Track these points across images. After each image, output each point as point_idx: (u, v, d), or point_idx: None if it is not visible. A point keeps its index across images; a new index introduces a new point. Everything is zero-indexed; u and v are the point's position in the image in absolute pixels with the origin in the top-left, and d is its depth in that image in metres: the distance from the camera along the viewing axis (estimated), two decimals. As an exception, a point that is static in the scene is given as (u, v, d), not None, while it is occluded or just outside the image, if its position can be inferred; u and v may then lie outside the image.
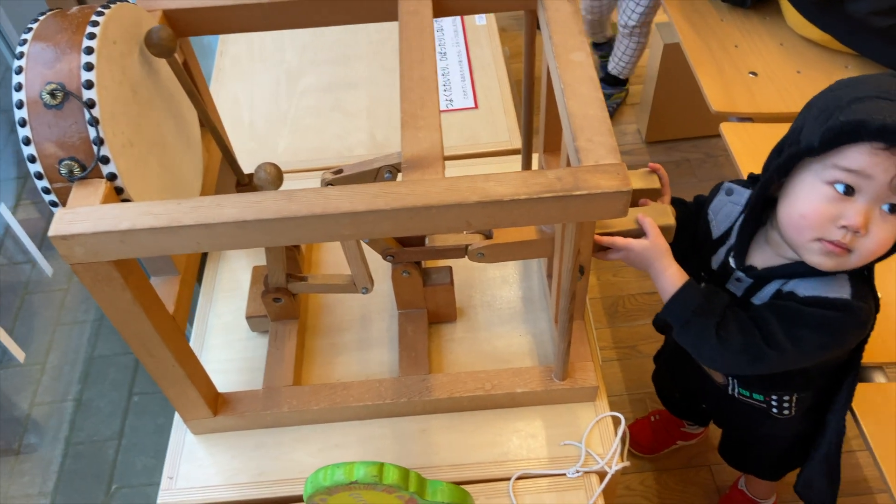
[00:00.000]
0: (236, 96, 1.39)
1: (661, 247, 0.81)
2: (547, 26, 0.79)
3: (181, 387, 0.84)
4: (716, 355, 0.83)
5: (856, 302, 0.80)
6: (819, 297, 0.80)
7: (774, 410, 1.00)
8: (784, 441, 1.09)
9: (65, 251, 0.64)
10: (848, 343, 0.84)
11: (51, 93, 0.66)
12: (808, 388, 0.97)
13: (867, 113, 0.70)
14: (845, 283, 0.80)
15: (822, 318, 0.80)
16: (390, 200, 0.63)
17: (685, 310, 0.81)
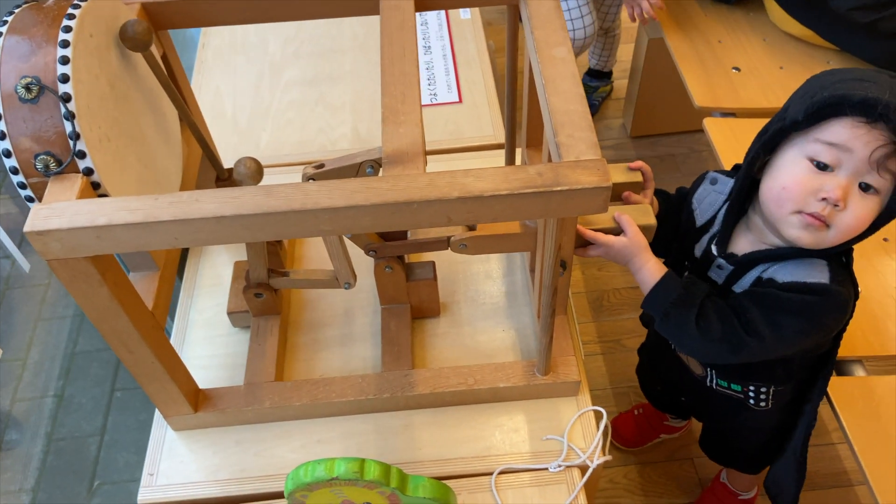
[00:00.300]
0: (218, 89, 1.38)
1: (640, 243, 0.82)
2: (529, 21, 0.79)
3: (161, 383, 0.83)
4: (696, 345, 0.84)
5: (834, 286, 0.81)
6: (797, 282, 0.82)
7: (752, 402, 1.01)
8: (762, 434, 1.11)
9: (41, 247, 0.63)
10: (828, 327, 0.85)
11: (26, 87, 0.65)
12: (788, 381, 0.98)
13: (849, 89, 0.73)
14: (824, 268, 0.82)
15: (801, 303, 0.81)
16: (370, 196, 0.63)
17: (664, 301, 0.83)
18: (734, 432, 1.16)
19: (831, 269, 0.82)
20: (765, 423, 1.07)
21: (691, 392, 1.13)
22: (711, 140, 1.39)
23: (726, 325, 0.82)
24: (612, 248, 0.82)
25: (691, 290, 0.83)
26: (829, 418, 1.55)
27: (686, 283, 0.84)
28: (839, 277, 0.82)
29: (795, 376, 0.98)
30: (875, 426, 1.05)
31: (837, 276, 0.82)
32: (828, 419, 1.55)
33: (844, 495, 1.45)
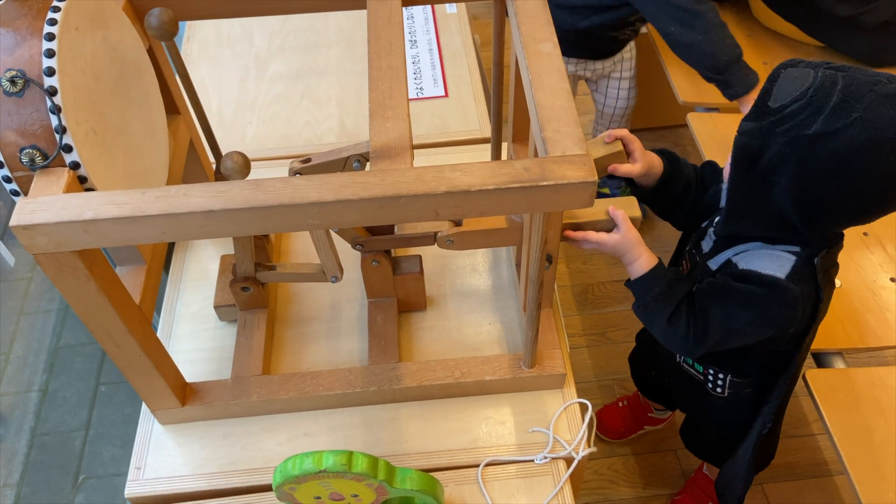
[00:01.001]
0: (204, 82, 1.37)
1: (633, 239, 0.84)
2: (515, 16, 0.80)
3: (148, 377, 0.83)
4: (664, 336, 0.90)
5: (786, 282, 0.83)
6: (752, 271, 0.85)
7: (710, 385, 1.04)
8: (721, 427, 1.13)
9: (27, 241, 0.63)
10: (776, 322, 0.86)
11: (11, 80, 0.64)
12: (743, 373, 1.01)
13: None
14: (787, 263, 0.84)
15: (747, 294, 0.84)
16: (358, 190, 0.63)
17: (646, 293, 0.87)
18: (700, 420, 1.19)
19: (795, 265, 0.84)
20: (723, 415, 1.10)
21: (671, 371, 1.15)
22: (695, 135, 1.40)
23: (691, 325, 0.86)
24: (606, 245, 0.84)
25: (673, 288, 0.87)
26: (809, 409, 1.58)
27: (670, 279, 0.87)
28: (798, 276, 0.84)
29: (754, 373, 1.00)
30: (854, 417, 1.07)
31: (798, 273, 0.84)
32: (808, 410, 1.58)
33: (824, 485, 1.48)
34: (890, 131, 0.72)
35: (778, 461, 1.49)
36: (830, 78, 0.74)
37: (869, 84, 0.73)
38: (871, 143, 0.73)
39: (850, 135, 0.73)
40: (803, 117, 0.75)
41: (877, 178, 0.75)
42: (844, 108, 0.73)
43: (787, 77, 0.77)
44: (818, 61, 0.78)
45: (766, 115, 0.77)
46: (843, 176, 0.75)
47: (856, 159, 0.74)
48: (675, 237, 1.08)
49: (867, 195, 0.77)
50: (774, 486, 1.47)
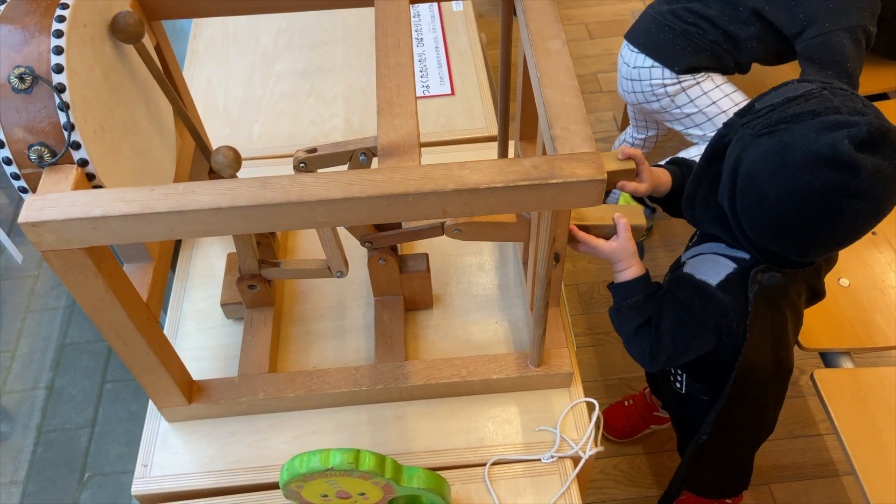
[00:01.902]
0: (210, 80, 1.37)
1: (629, 250, 0.86)
2: (523, 14, 0.79)
3: (155, 374, 0.83)
4: (627, 344, 0.93)
5: (714, 289, 0.85)
6: (689, 275, 0.88)
7: (671, 378, 1.06)
8: (681, 421, 1.14)
9: (35, 238, 0.63)
10: (710, 328, 0.86)
11: (19, 76, 0.64)
12: (696, 378, 1.02)
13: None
14: (725, 270, 0.85)
15: (686, 302, 0.87)
16: (366, 188, 0.63)
17: (624, 298, 0.89)
18: (670, 413, 1.20)
19: (730, 274, 0.85)
20: (680, 410, 1.11)
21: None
22: (702, 133, 1.40)
23: (651, 338, 0.88)
24: (601, 251, 0.85)
25: (648, 301, 0.89)
26: (816, 409, 1.57)
27: (649, 293, 0.89)
28: (730, 285, 0.84)
29: (706, 380, 1.01)
30: (862, 417, 1.06)
31: (729, 283, 0.84)
32: (815, 410, 1.57)
33: (831, 485, 1.47)
34: (798, 151, 0.71)
35: (785, 461, 1.49)
36: (811, 93, 0.74)
37: (826, 109, 0.72)
38: (778, 155, 0.72)
39: (768, 143, 0.74)
40: (759, 119, 0.76)
41: (781, 194, 0.73)
42: (781, 120, 0.74)
43: (788, 86, 0.78)
44: (836, 83, 0.77)
45: (747, 113, 0.79)
46: (755, 181, 0.75)
47: (764, 166, 0.74)
48: (685, 235, 1.08)
49: (776, 215, 0.75)
50: (781, 486, 1.47)
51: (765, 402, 0.98)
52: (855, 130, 0.70)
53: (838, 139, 0.69)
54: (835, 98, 0.74)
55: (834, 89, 0.75)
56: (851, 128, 0.70)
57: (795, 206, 0.73)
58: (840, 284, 1.21)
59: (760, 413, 0.99)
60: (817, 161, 0.70)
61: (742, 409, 0.95)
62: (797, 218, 0.74)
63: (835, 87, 0.76)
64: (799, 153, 0.71)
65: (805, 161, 0.71)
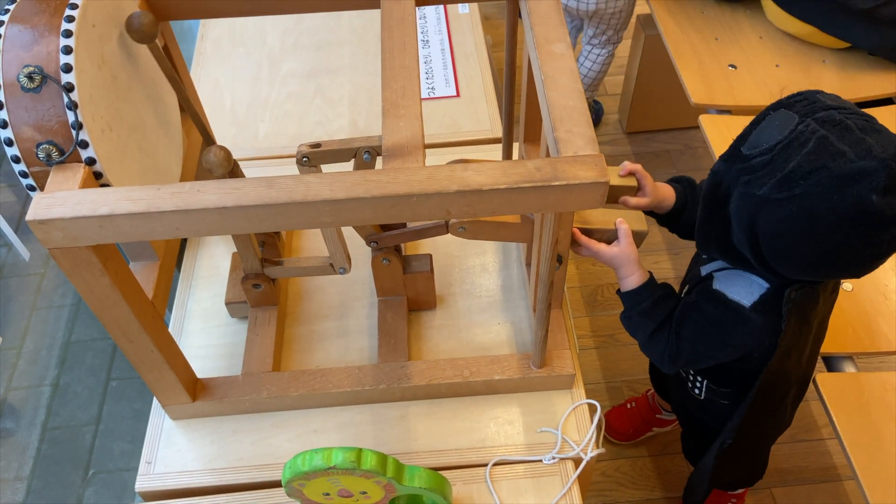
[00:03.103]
0: (217, 81, 1.38)
1: (630, 255, 0.86)
2: (528, 17, 0.80)
3: (160, 372, 0.84)
4: (644, 349, 0.93)
5: (748, 311, 0.84)
6: (721, 293, 0.86)
7: (690, 385, 1.06)
8: (698, 427, 1.14)
9: (42, 236, 0.63)
10: (737, 347, 0.87)
11: (28, 76, 0.65)
12: (718, 383, 1.01)
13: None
14: (758, 291, 0.84)
15: (713, 317, 0.86)
16: (371, 188, 0.64)
17: (633, 307, 0.90)
18: (681, 418, 1.20)
19: (763, 295, 0.83)
20: (700, 415, 1.10)
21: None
22: (707, 137, 1.40)
23: (669, 344, 0.88)
24: (602, 256, 0.85)
25: (659, 306, 0.89)
26: (819, 414, 1.57)
27: (658, 297, 0.89)
28: (764, 306, 0.83)
29: (728, 385, 1.00)
30: (864, 422, 1.06)
31: (764, 304, 0.83)
32: (818, 415, 1.57)
33: (833, 490, 1.47)
34: (827, 213, 0.69)
35: (787, 465, 1.49)
36: (804, 137, 0.71)
37: (831, 155, 0.69)
38: (806, 222, 0.71)
39: (789, 208, 0.71)
40: (760, 175, 0.73)
41: (817, 252, 0.73)
42: (790, 180, 0.71)
43: (769, 123, 0.75)
44: (816, 98, 0.74)
45: (736, 160, 0.76)
46: (785, 243, 0.74)
47: (793, 232, 0.73)
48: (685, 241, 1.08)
49: (811, 264, 0.75)
50: (783, 491, 1.47)
51: (785, 405, 0.99)
52: (874, 180, 0.68)
53: (862, 194, 0.68)
54: (830, 135, 0.70)
55: (818, 117, 0.72)
56: (869, 177, 0.68)
57: (833, 258, 0.73)
58: (843, 290, 1.21)
59: (781, 414, 1.00)
60: (848, 222, 0.69)
61: (764, 412, 0.95)
62: (837, 265, 0.75)
63: (818, 112, 0.72)
64: (826, 217, 0.70)
65: (835, 224, 0.70)
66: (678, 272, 1.80)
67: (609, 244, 0.86)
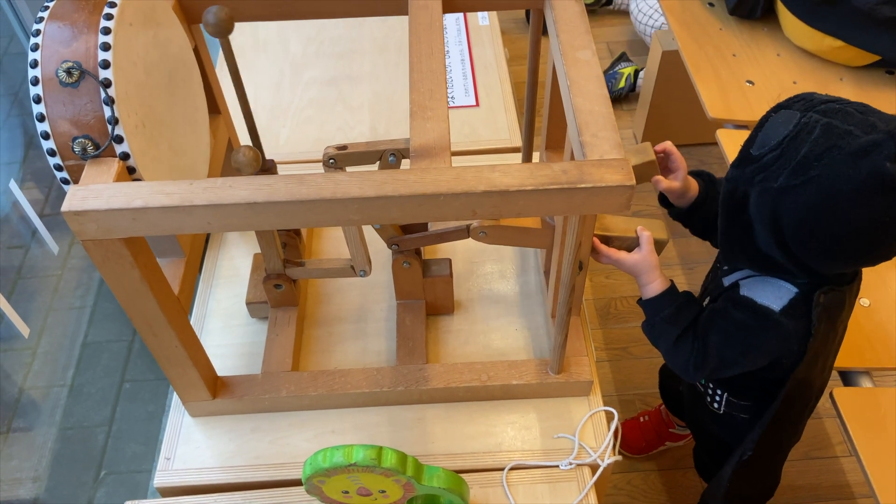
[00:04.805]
0: (240, 86, 1.40)
1: (651, 262, 0.86)
2: (554, 25, 0.81)
3: (182, 367, 0.84)
4: (668, 357, 0.91)
5: (779, 316, 0.83)
6: (749, 299, 0.85)
7: (708, 399, 1.05)
8: (714, 442, 1.13)
9: (77, 227, 0.65)
10: (767, 352, 0.86)
11: (67, 71, 0.67)
12: (739, 395, 1.00)
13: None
14: (786, 295, 0.84)
15: (742, 323, 0.85)
16: (399, 187, 0.64)
17: (655, 314, 0.89)
18: (696, 433, 1.19)
19: (793, 299, 0.83)
20: (717, 429, 1.09)
21: (684, 384, 1.15)
22: (724, 151, 1.41)
23: (695, 351, 0.87)
24: (623, 263, 0.85)
25: (682, 311, 0.88)
26: (833, 431, 1.56)
27: (681, 302, 0.88)
28: (793, 310, 0.83)
29: (750, 396, 1.00)
30: (882, 438, 1.06)
31: (793, 308, 0.83)
32: (832, 432, 1.56)
33: (847, 508, 1.46)
34: (846, 188, 0.71)
35: (801, 482, 1.48)
36: (809, 126, 0.73)
37: (839, 136, 0.72)
38: (827, 201, 0.72)
39: (808, 192, 0.73)
40: (774, 169, 0.75)
41: (843, 231, 0.74)
42: (804, 165, 0.72)
43: (773, 123, 0.77)
44: (813, 96, 0.77)
45: (747, 162, 0.78)
46: (810, 229, 0.75)
47: (816, 215, 0.74)
48: (700, 254, 1.08)
49: (839, 247, 0.76)
50: (797, 508, 1.46)
51: (803, 415, 0.98)
52: (884, 150, 0.70)
53: (877, 163, 0.69)
54: (833, 121, 0.73)
55: (819, 109, 0.74)
56: (879, 147, 0.70)
57: (863, 236, 0.74)
58: (861, 304, 1.21)
59: (797, 425, 1.00)
60: (868, 192, 0.70)
61: (784, 423, 0.95)
62: (868, 244, 0.75)
63: (817, 105, 0.75)
64: (846, 192, 0.71)
65: (857, 198, 0.71)
66: (693, 287, 1.80)
67: (629, 252, 0.86)
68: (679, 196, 0.91)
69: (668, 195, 0.91)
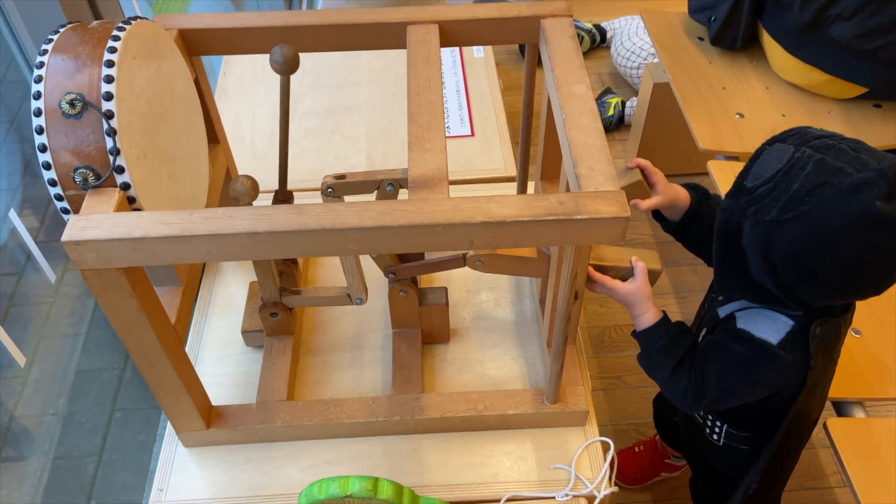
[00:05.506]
0: (238, 116, 1.41)
1: (645, 293, 0.87)
2: (549, 59, 0.83)
3: (177, 397, 0.84)
4: (665, 388, 0.92)
5: (776, 349, 0.84)
6: (746, 332, 0.86)
7: (707, 430, 1.05)
8: (715, 475, 1.12)
9: (76, 257, 0.65)
10: (766, 385, 0.87)
11: (70, 102, 0.67)
12: (739, 427, 1.00)
13: None
14: (783, 328, 0.84)
15: (740, 356, 0.86)
16: (398, 217, 0.65)
17: (650, 345, 0.89)
18: (696, 466, 1.19)
19: (790, 332, 0.84)
20: (717, 462, 1.09)
21: (680, 411, 1.14)
22: (716, 182, 1.42)
23: (692, 381, 0.87)
24: (618, 293, 0.86)
25: (676, 342, 0.89)
26: (827, 461, 1.56)
27: (675, 333, 0.89)
28: (791, 343, 0.84)
29: (750, 428, 1.00)
30: (875, 468, 1.06)
31: (791, 341, 0.84)
32: (826, 462, 1.56)
33: (842, 539, 1.45)
34: (836, 225, 0.72)
35: (795, 512, 1.48)
36: (802, 162, 0.74)
37: (831, 172, 0.73)
38: (817, 237, 0.73)
39: (799, 227, 0.74)
40: (766, 202, 0.76)
41: (832, 267, 0.75)
42: (796, 200, 0.74)
43: (767, 156, 0.78)
44: (807, 131, 0.78)
45: (741, 193, 0.79)
46: (800, 262, 0.76)
47: (806, 249, 0.75)
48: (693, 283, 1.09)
49: (828, 281, 0.77)
50: (793, 539, 1.45)
51: (801, 445, 0.98)
52: (875, 188, 0.71)
53: (867, 201, 0.70)
54: (826, 157, 0.74)
55: (812, 144, 0.75)
56: (869, 186, 0.71)
57: (852, 272, 0.75)
58: (853, 334, 1.22)
59: (796, 455, 1.00)
60: (858, 229, 0.72)
61: (787, 453, 0.95)
62: (858, 279, 0.76)
63: (811, 140, 0.76)
64: (836, 230, 0.72)
65: (845, 235, 0.72)
66: (685, 315, 1.81)
67: (623, 281, 0.87)
68: (668, 209, 0.92)
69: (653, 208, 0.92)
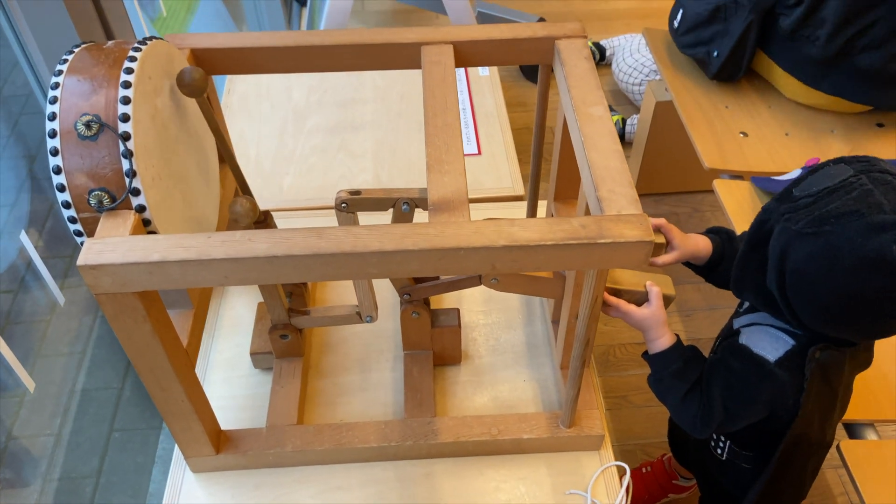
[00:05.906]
0: (243, 134, 1.40)
1: (660, 318, 0.86)
2: (565, 80, 0.82)
3: (187, 422, 0.82)
4: (675, 412, 0.91)
5: (773, 366, 0.84)
6: (747, 347, 0.86)
7: (712, 444, 1.04)
8: (719, 491, 1.11)
9: (92, 281, 0.64)
10: (765, 402, 0.86)
11: (86, 124, 0.66)
12: (741, 445, 1.00)
13: None
14: (783, 347, 0.85)
15: (740, 373, 0.86)
16: (419, 241, 0.64)
17: (663, 368, 0.89)
18: (701, 481, 1.18)
19: (789, 351, 0.84)
20: (720, 477, 1.08)
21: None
22: (722, 201, 1.42)
23: (702, 404, 0.87)
24: (633, 317, 0.86)
25: (690, 366, 0.88)
26: (834, 482, 1.55)
27: (688, 357, 0.88)
28: (789, 363, 0.84)
29: (752, 447, 0.99)
30: (889, 491, 1.05)
31: (789, 360, 0.84)
32: (833, 483, 1.55)
33: (852, 562, 1.44)
34: (848, 254, 0.71)
35: (804, 534, 1.46)
36: (852, 186, 0.73)
37: (870, 205, 0.72)
38: (827, 259, 0.73)
39: (816, 244, 0.73)
40: (801, 212, 0.76)
41: (831, 294, 0.75)
42: (823, 219, 0.73)
43: (825, 172, 0.77)
44: (877, 162, 0.77)
45: (786, 200, 0.79)
46: (805, 280, 0.76)
47: (814, 268, 0.74)
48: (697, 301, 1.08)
49: (824, 306, 0.76)
50: (802, 561, 1.43)
51: (805, 473, 0.97)
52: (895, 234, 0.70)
53: (885, 244, 0.70)
54: (876, 190, 0.73)
55: (872, 175, 0.75)
56: (893, 230, 0.70)
57: (848, 305, 0.74)
58: (862, 354, 1.21)
59: (800, 483, 0.98)
60: (866, 267, 0.71)
61: (785, 479, 0.94)
62: (851, 315, 0.76)
63: (873, 171, 0.75)
64: (848, 259, 0.72)
65: (854, 267, 0.72)
66: (690, 334, 1.80)
67: (638, 306, 0.86)
68: (684, 259, 0.92)
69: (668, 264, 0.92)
